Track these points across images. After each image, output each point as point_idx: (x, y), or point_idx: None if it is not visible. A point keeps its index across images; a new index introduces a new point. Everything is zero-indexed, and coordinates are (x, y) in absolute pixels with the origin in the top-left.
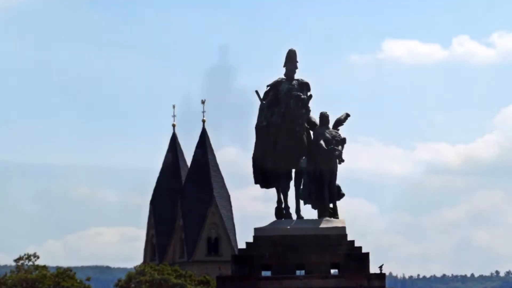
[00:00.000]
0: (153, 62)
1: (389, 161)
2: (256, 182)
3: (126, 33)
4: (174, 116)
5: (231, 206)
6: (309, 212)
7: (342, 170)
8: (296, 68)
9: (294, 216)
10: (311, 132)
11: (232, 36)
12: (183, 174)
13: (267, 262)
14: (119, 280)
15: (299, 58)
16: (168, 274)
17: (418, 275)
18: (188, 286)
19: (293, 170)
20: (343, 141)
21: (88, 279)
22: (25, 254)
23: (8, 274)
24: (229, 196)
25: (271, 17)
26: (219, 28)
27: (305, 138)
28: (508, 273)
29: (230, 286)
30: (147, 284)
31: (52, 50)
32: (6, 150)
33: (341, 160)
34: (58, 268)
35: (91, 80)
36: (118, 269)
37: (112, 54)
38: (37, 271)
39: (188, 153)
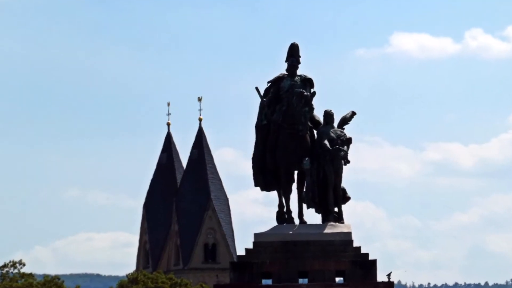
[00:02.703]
0: (147, 58)
1: (397, 162)
2: (256, 185)
3: (120, 29)
4: (169, 114)
5: (229, 210)
6: (312, 217)
7: (347, 171)
8: (299, 63)
9: (297, 221)
10: (315, 132)
11: (232, 29)
12: (179, 176)
13: (267, 270)
14: None
15: (302, 52)
16: (163, 282)
17: (429, 283)
18: None
19: (296, 172)
20: (348, 141)
21: None
22: (10, 261)
23: None
24: (227, 199)
25: (273, 10)
26: (217, 23)
27: (308, 138)
28: None
29: None
30: None
31: (43, 46)
32: None
33: (347, 161)
34: (45, 276)
35: (83, 77)
36: (109, 277)
37: (105, 50)
38: (23, 279)
39: (184, 153)
